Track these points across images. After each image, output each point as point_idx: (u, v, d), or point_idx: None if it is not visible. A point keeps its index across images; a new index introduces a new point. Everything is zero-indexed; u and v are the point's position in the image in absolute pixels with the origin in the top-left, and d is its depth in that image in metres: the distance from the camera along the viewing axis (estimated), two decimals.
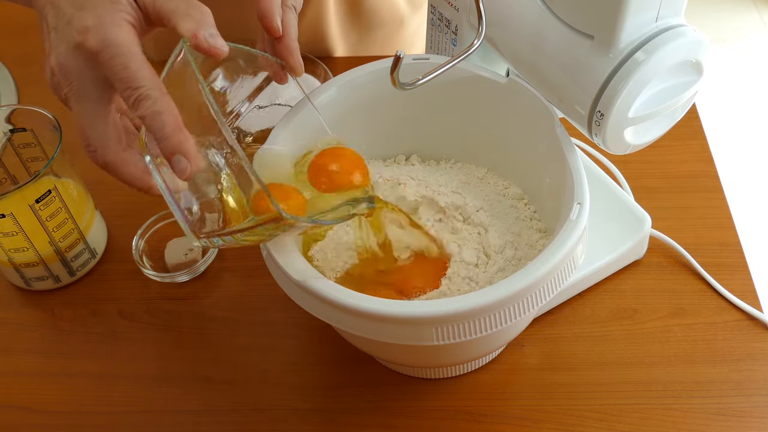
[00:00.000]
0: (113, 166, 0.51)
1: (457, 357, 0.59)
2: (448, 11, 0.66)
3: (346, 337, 0.60)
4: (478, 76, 0.62)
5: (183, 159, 0.47)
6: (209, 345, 0.66)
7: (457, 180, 0.66)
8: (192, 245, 0.70)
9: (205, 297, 0.69)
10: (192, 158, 0.48)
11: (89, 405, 0.63)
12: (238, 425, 0.62)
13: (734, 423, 0.60)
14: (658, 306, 0.67)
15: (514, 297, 0.50)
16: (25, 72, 0.90)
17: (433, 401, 0.62)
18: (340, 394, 0.63)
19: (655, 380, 0.62)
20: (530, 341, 0.65)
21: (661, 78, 0.53)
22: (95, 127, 0.50)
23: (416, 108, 0.65)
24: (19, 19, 0.98)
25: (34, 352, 0.67)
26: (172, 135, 0.47)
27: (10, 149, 0.69)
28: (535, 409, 0.61)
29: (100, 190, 0.76)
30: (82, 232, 0.69)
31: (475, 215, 0.63)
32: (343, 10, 0.90)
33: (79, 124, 0.51)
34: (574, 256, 0.53)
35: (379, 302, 0.50)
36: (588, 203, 0.53)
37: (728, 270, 0.68)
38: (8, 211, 0.63)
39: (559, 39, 0.55)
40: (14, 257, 0.67)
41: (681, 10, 0.52)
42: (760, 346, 0.64)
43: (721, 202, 0.73)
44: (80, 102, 0.50)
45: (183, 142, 0.47)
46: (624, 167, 0.75)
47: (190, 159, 0.47)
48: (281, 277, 0.54)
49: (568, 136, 0.58)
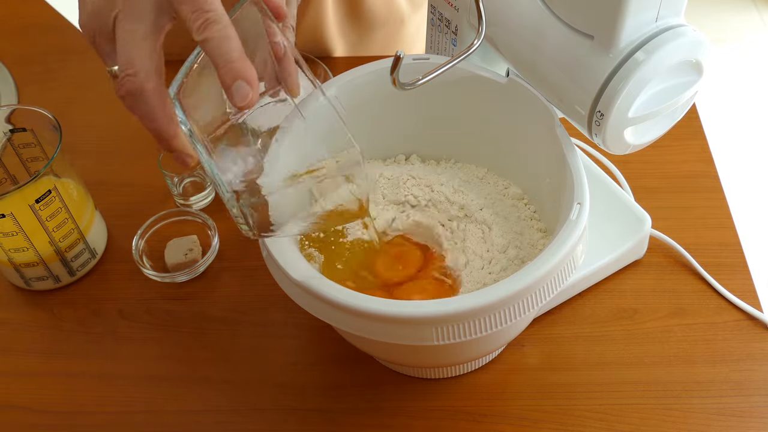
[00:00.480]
0: (148, 95, 0.47)
1: (457, 357, 0.59)
2: (448, 11, 0.66)
3: (346, 337, 0.60)
4: (478, 76, 0.62)
5: (245, 84, 0.46)
6: (209, 345, 0.66)
7: (457, 179, 0.66)
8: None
9: (205, 297, 0.69)
10: (255, 86, 0.46)
11: (89, 405, 0.63)
12: (238, 425, 0.62)
13: (734, 423, 0.60)
14: (658, 306, 0.67)
15: (514, 297, 0.50)
16: (25, 72, 0.90)
17: (433, 401, 0.62)
18: (340, 394, 0.63)
19: (655, 380, 0.62)
20: (530, 341, 0.65)
21: (661, 78, 0.53)
22: (142, 50, 0.47)
23: (416, 108, 0.65)
24: (19, 19, 0.99)
25: (34, 352, 0.67)
26: (238, 60, 0.46)
27: (10, 149, 0.69)
28: (535, 409, 0.61)
29: (100, 190, 0.77)
30: (82, 232, 0.69)
31: (478, 213, 0.63)
32: (342, 10, 0.90)
33: (124, 46, 0.48)
34: (574, 256, 0.53)
35: (379, 302, 0.50)
36: (588, 203, 0.53)
37: (728, 270, 0.68)
38: (8, 211, 0.63)
39: (559, 39, 0.55)
40: (14, 257, 0.67)
41: (681, 10, 0.52)
42: (760, 346, 0.64)
43: (721, 202, 0.73)
44: (132, 22, 0.47)
45: (248, 69, 0.46)
46: (624, 167, 0.75)
47: (253, 86, 0.46)
48: (281, 277, 0.54)
49: (568, 136, 0.58)
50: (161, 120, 0.48)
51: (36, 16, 0.98)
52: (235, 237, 0.73)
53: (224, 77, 0.46)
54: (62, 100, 0.88)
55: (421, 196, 0.65)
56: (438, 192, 0.65)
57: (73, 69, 0.91)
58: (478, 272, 0.60)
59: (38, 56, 0.81)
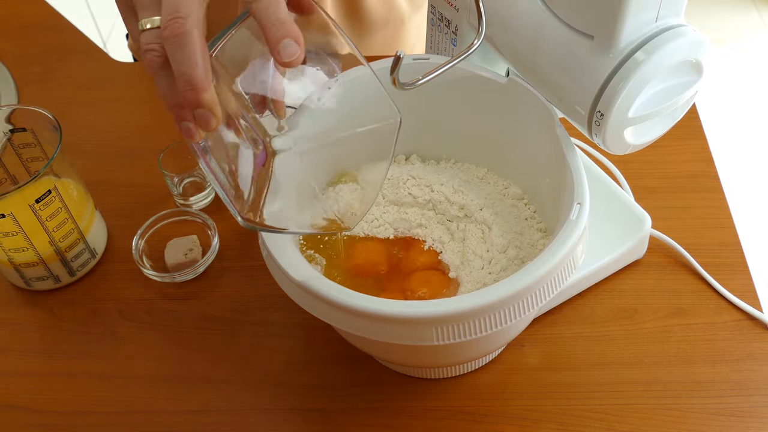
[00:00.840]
0: (195, 39, 0.46)
1: (457, 357, 0.59)
2: (448, 11, 0.66)
3: (346, 337, 0.60)
4: (478, 76, 0.62)
5: (293, 42, 0.46)
6: (209, 345, 0.66)
7: (457, 179, 0.66)
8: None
9: (205, 297, 0.69)
10: (302, 45, 0.46)
11: (89, 405, 0.63)
12: (238, 425, 0.62)
13: (734, 423, 0.60)
14: (658, 306, 0.67)
15: (514, 297, 0.50)
16: (25, 72, 0.90)
17: (433, 401, 0.62)
18: (340, 394, 0.63)
19: (655, 380, 0.62)
20: (530, 341, 0.65)
21: (661, 78, 0.53)
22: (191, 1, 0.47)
23: (416, 108, 0.65)
24: (19, 19, 0.99)
25: (34, 352, 0.67)
26: (287, 21, 0.46)
27: (10, 149, 0.69)
28: (535, 409, 0.61)
29: (100, 190, 0.77)
30: (82, 232, 0.69)
31: (478, 213, 0.63)
32: (342, 10, 0.90)
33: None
34: (574, 256, 0.53)
35: (379, 302, 0.50)
36: (588, 203, 0.53)
37: (728, 270, 0.68)
38: (8, 211, 0.63)
39: (559, 39, 0.55)
40: (14, 257, 0.67)
41: (681, 10, 0.52)
42: (760, 346, 0.64)
43: (721, 202, 0.73)
44: None
45: (296, 29, 0.46)
46: (624, 167, 0.75)
47: (300, 45, 0.46)
48: (281, 277, 0.54)
49: (568, 136, 0.58)
50: (202, 67, 0.46)
51: (36, 16, 0.98)
52: (235, 237, 0.73)
53: (273, 36, 0.46)
54: (62, 100, 0.88)
55: (421, 196, 0.65)
56: (438, 192, 0.65)
57: (73, 69, 0.91)
58: (477, 272, 0.60)
59: (38, 56, 0.81)
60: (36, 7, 1.00)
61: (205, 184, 0.75)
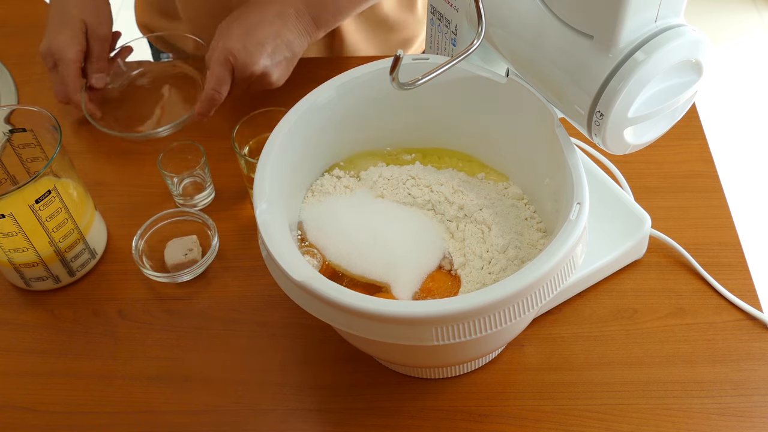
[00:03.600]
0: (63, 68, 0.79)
1: (457, 357, 0.59)
2: (448, 11, 0.66)
3: (345, 337, 0.60)
4: (478, 76, 0.62)
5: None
6: (209, 345, 0.66)
7: (457, 179, 0.66)
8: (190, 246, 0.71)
9: (205, 297, 0.69)
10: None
11: (89, 405, 0.63)
12: (238, 425, 0.62)
13: (734, 423, 0.60)
14: (658, 306, 0.67)
15: (514, 297, 0.50)
16: (25, 72, 0.90)
17: (433, 401, 0.62)
18: (340, 394, 0.63)
19: (654, 380, 0.62)
20: (530, 341, 0.65)
21: (661, 78, 0.53)
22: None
23: (416, 108, 0.65)
24: (19, 19, 0.99)
25: (34, 352, 0.67)
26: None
27: (9, 149, 0.69)
28: (535, 409, 0.61)
29: (100, 190, 0.77)
30: (81, 233, 0.69)
31: (478, 213, 0.63)
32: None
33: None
34: (574, 256, 0.53)
35: (379, 302, 0.50)
36: (588, 203, 0.53)
37: (728, 270, 0.68)
38: (8, 211, 0.63)
39: (559, 39, 0.55)
40: (14, 257, 0.67)
41: (681, 10, 0.52)
42: (760, 345, 0.64)
43: (720, 202, 0.73)
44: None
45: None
46: (624, 167, 0.75)
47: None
48: (281, 277, 0.54)
49: (568, 136, 0.58)
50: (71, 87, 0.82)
51: (36, 16, 0.98)
52: (235, 237, 0.73)
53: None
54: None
55: (421, 196, 0.65)
56: (437, 192, 0.65)
57: None
58: (477, 272, 0.60)
59: (38, 56, 0.81)
60: (36, 7, 1.00)
61: (204, 185, 0.75)
